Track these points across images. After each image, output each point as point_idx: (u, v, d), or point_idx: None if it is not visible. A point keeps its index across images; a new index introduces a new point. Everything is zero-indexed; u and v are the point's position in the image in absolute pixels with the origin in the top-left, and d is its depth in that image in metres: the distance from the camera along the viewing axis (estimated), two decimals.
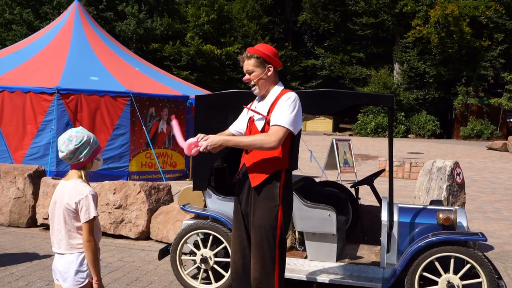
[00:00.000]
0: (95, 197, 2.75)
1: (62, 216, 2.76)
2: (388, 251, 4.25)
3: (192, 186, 4.71)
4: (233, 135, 3.61)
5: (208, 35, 33.26)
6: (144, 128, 11.22)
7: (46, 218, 6.98)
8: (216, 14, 32.92)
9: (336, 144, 12.72)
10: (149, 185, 6.64)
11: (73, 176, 2.83)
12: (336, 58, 35.75)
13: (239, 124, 3.62)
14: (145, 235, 6.57)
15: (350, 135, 32.14)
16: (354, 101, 4.17)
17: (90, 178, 2.99)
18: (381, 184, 11.93)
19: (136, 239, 6.55)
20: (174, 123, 3.49)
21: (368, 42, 36.10)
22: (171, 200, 6.91)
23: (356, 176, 12.79)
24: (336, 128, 35.87)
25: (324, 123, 34.83)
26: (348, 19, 35.57)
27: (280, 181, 3.29)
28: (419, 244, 4.00)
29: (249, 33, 34.45)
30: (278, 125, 3.20)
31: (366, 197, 9.28)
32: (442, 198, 5.75)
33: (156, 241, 6.53)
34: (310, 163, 15.66)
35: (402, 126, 31.89)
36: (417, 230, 4.30)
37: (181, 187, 10.28)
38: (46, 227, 7.11)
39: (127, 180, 10.58)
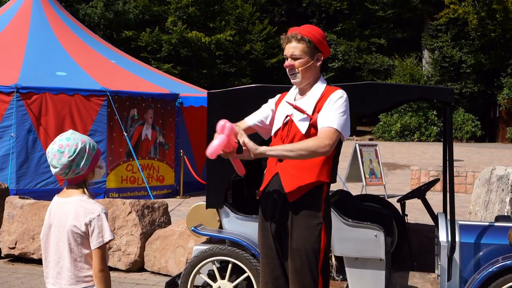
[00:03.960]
0: (107, 216, 2.78)
1: (65, 242, 2.77)
2: (449, 279, 4.29)
3: (204, 203, 4.74)
4: (250, 128, 3.64)
5: (194, 20, 33.35)
6: (125, 134, 11.24)
7: (13, 248, 6.98)
8: None
9: (360, 150, 12.77)
10: (142, 204, 6.67)
11: (73, 192, 2.84)
12: (352, 46, 35.97)
13: (260, 116, 3.66)
14: (138, 266, 6.57)
15: (370, 139, 32.28)
16: (405, 95, 4.25)
17: None
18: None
19: (127, 270, 6.56)
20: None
21: (390, 25, 36.32)
22: (169, 222, 6.93)
23: (385, 189, 12.84)
24: (352, 131, 35.99)
25: None
26: None
27: (322, 194, 3.34)
28: (490, 270, 4.05)
29: (244, 16, 34.62)
30: (330, 127, 3.25)
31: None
32: (506, 213, 5.81)
33: (152, 272, 6.53)
34: None
35: (435, 128, 32.08)
36: (483, 252, 4.34)
37: (172, 206, 10.31)
38: (13, 258, 7.11)
39: (104, 198, 10.61)
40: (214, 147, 3.22)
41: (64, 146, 2.77)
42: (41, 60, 12.02)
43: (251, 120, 3.68)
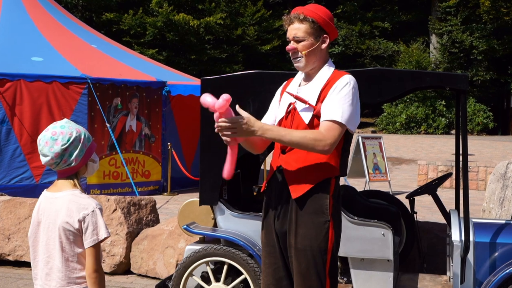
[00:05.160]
0: (102, 212, 2.80)
1: (56, 240, 2.80)
2: (462, 282, 4.34)
3: (196, 199, 4.76)
4: None
5: (181, 1, 33.28)
6: (108, 125, 11.24)
7: None
8: None
9: (363, 143, 12.83)
10: (128, 201, 6.69)
11: (64, 185, 2.86)
12: (353, 30, 35.94)
13: (272, 116, 3.63)
14: (124, 268, 6.60)
15: (373, 131, 32.32)
16: (416, 83, 4.28)
17: (33, 193, 2.97)
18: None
19: (112, 273, 6.58)
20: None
21: (395, 8, 36.33)
22: (157, 221, 6.96)
23: (390, 186, 12.91)
24: None
25: None
26: None
27: (330, 189, 3.35)
28: (506, 271, 4.10)
29: None
30: (333, 121, 3.25)
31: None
32: None
33: (139, 275, 6.57)
34: None
35: (443, 119, 32.18)
36: (499, 252, 4.39)
37: (159, 203, 10.33)
38: None
39: None
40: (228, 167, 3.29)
41: (57, 133, 2.81)
42: (14, 44, 11.98)
43: (267, 122, 3.62)
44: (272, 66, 34.29)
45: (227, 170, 3.29)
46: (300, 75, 3.56)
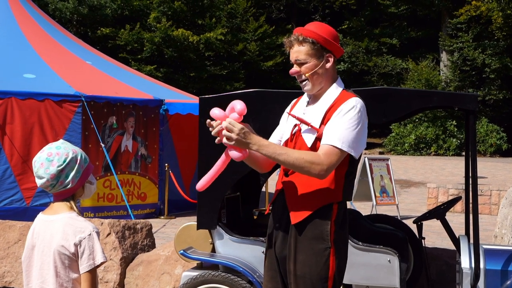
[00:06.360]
0: (99, 236, 2.82)
1: (51, 265, 2.81)
2: None
3: (194, 223, 4.77)
4: None
5: (181, 16, 33.45)
6: (102, 145, 11.26)
7: None
8: None
9: (370, 165, 12.83)
10: (122, 224, 6.70)
11: (61, 208, 2.89)
12: (360, 46, 36.11)
13: (279, 134, 3.67)
14: None
15: (380, 152, 32.33)
16: (424, 103, 4.31)
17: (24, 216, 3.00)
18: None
19: None
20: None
21: (403, 23, 36.48)
22: (153, 245, 6.96)
23: (398, 210, 12.90)
24: None
25: None
26: None
27: (331, 215, 3.37)
28: None
29: (237, 12, 34.70)
30: (332, 146, 3.26)
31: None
32: None
33: None
34: None
35: (454, 140, 32.22)
36: (511, 280, 4.38)
37: (156, 227, 10.33)
38: None
39: None
40: (206, 179, 3.32)
41: (53, 154, 2.84)
42: (6, 60, 12.02)
43: (274, 140, 3.67)
44: (275, 83, 34.41)
45: (203, 182, 3.33)
46: (307, 95, 3.60)
